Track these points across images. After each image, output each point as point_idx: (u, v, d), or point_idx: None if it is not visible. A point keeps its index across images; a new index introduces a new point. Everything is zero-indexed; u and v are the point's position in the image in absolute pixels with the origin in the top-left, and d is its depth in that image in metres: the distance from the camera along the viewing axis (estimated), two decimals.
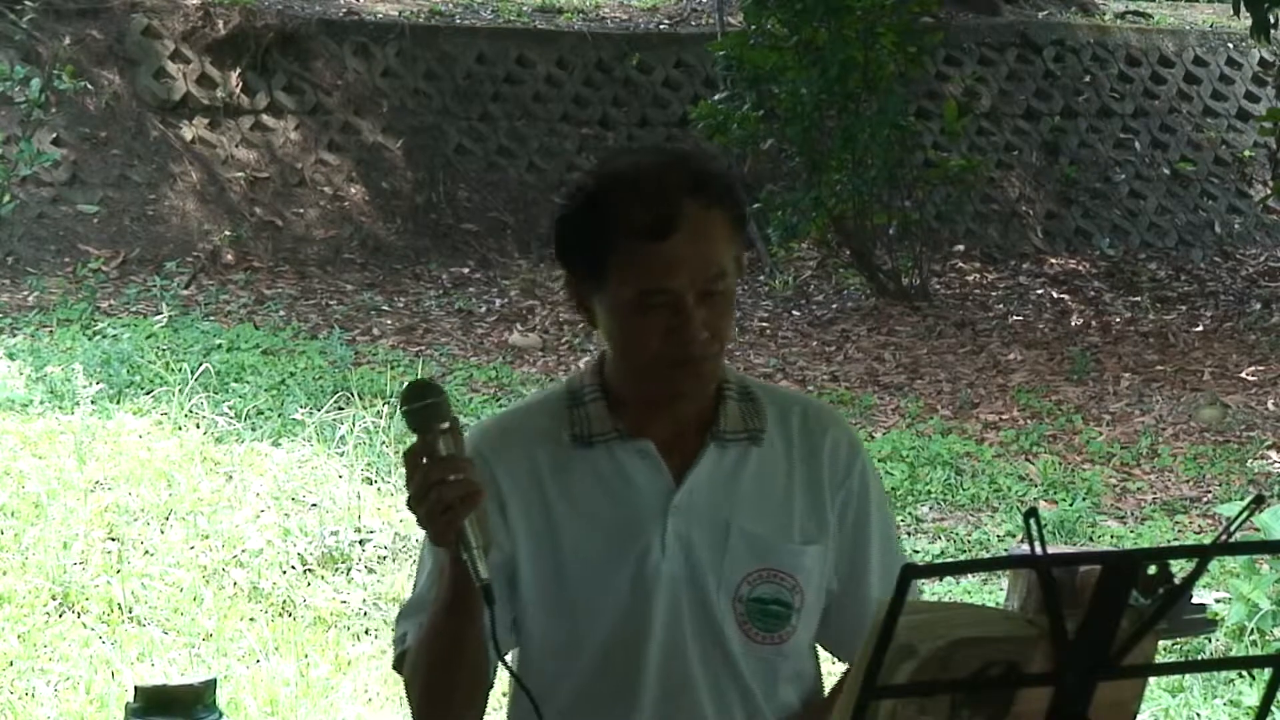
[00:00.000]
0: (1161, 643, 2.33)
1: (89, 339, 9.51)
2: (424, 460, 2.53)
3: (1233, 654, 6.22)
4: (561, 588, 2.70)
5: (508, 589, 2.70)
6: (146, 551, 6.58)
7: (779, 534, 2.75)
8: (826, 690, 2.87)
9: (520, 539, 2.71)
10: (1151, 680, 4.95)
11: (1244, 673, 6.12)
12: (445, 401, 2.58)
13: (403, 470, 2.56)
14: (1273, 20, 12.21)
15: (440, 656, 2.65)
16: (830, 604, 2.80)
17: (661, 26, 14.69)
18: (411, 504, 2.52)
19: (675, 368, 2.65)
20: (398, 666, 2.77)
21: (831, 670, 2.94)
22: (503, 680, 2.79)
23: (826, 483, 2.80)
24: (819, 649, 2.88)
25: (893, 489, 8.03)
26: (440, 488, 2.50)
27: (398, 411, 2.56)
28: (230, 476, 7.23)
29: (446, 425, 2.55)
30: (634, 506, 2.71)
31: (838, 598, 2.80)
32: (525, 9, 14.57)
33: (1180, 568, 2.22)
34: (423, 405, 2.56)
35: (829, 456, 2.81)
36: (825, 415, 2.87)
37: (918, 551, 7.37)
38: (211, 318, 10.33)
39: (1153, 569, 2.21)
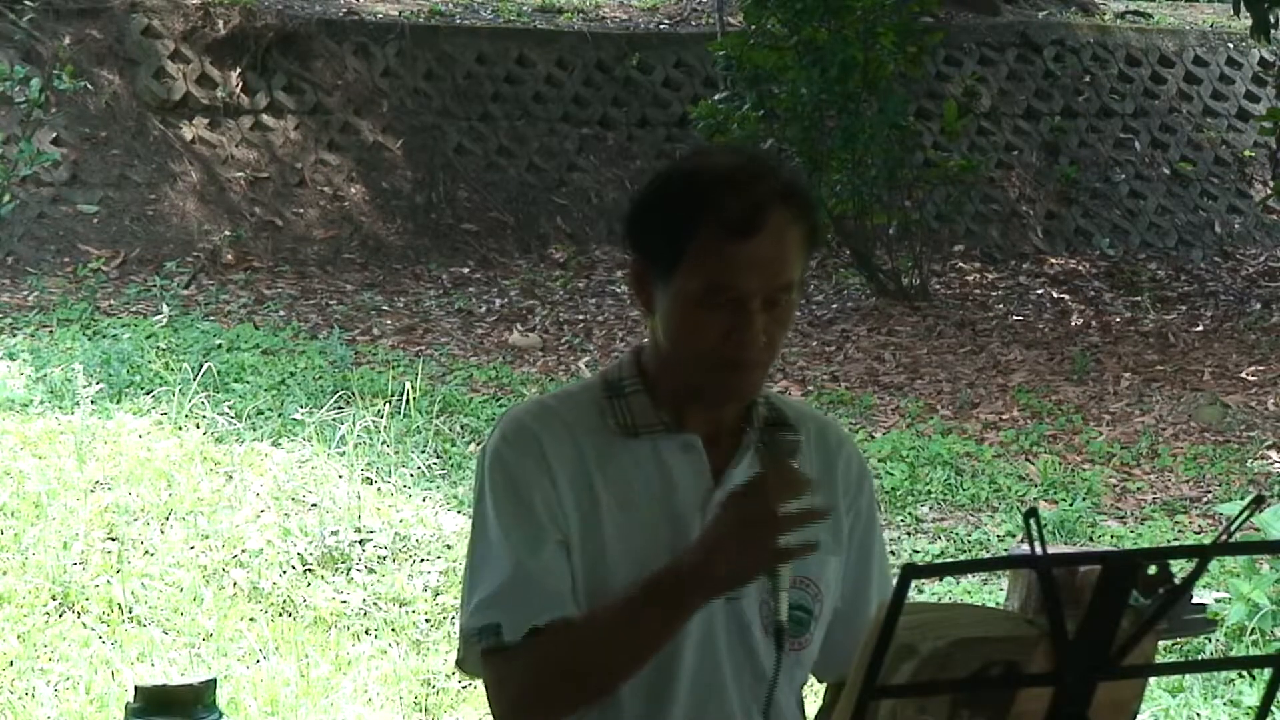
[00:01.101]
0: (1161, 643, 2.33)
1: (89, 339, 9.51)
2: (784, 491, 2.58)
3: (1233, 654, 6.22)
4: (603, 578, 2.68)
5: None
6: (146, 551, 6.58)
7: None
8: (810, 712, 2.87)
9: (572, 520, 2.69)
10: (1151, 680, 4.95)
11: (1244, 673, 6.12)
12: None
13: (403, 469, 2.55)
14: (1273, 20, 12.21)
15: (612, 666, 2.64)
16: (831, 621, 2.81)
17: (661, 26, 14.70)
18: (753, 527, 2.56)
19: (726, 368, 2.66)
20: (466, 661, 2.70)
21: (812, 692, 2.93)
22: None
23: (840, 499, 2.82)
24: None
25: (893, 489, 8.03)
26: (790, 521, 2.56)
27: (757, 445, 2.68)
28: (230, 476, 7.23)
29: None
30: (675, 501, 2.71)
31: (839, 615, 2.81)
32: (525, 9, 14.58)
33: (1180, 568, 2.22)
34: (790, 437, 2.65)
35: (842, 474, 2.83)
36: (839, 433, 2.90)
37: (918, 551, 7.37)
38: (211, 318, 10.33)
39: (1153, 569, 2.21)
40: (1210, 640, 6.23)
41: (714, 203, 2.63)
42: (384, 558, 6.66)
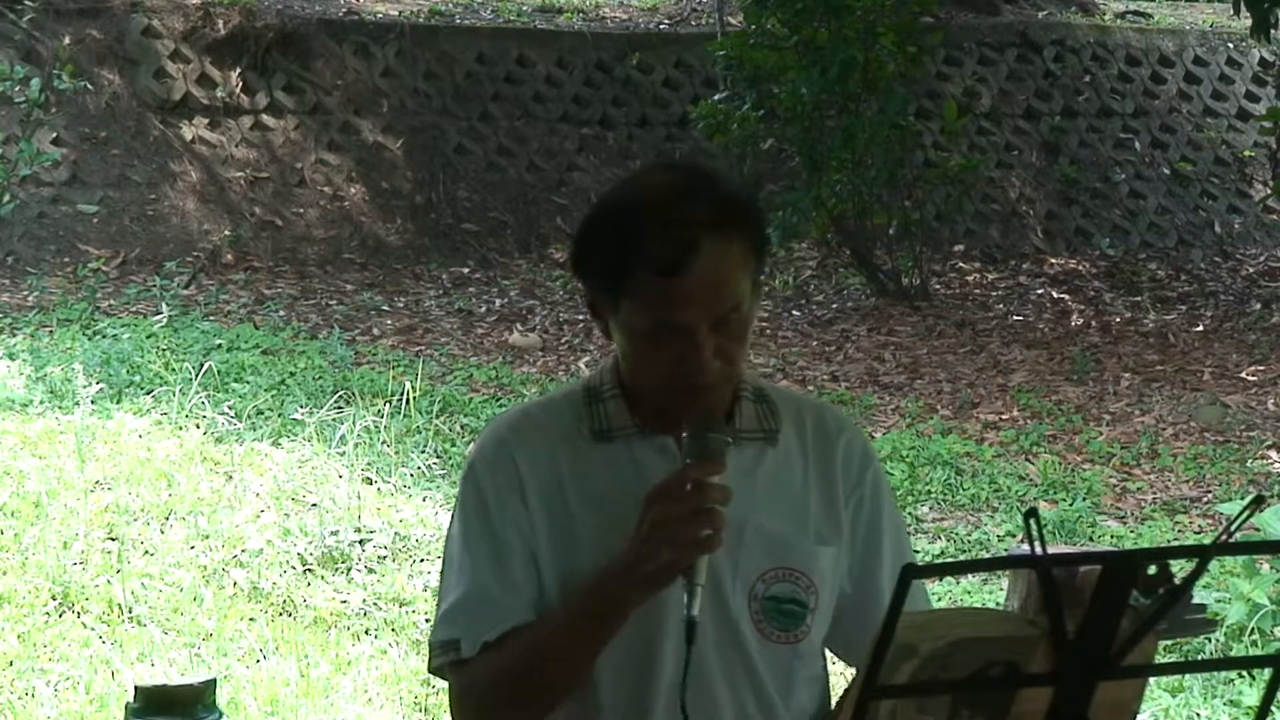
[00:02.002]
0: (1161, 643, 2.33)
1: (89, 339, 9.51)
2: (698, 485, 2.57)
3: (1233, 654, 6.22)
4: (579, 582, 2.70)
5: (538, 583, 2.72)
6: (146, 551, 6.58)
7: (795, 534, 2.76)
8: (834, 699, 2.87)
9: (541, 532, 2.70)
10: (1151, 680, 4.95)
11: (1244, 673, 6.12)
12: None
13: (403, 469, 2.56)
14: (1273, 20, 12.20)
15: (552, 672, 2.66)
16: (842, 607, 2.81)
17: (661, 26, 14.70)
18: (673, 522, 2.56)
19: (684, 394, 2.66)
20: (439, 669, 2.74)
21: (839, 676, 2.92)
22: None
23: (840, 486, 2.81)
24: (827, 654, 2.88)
25: (893, 489, 8.02)
26: (711, 514, 2.56)
27: (692, 433, 2.65)
28: (230, 476, 7.23)
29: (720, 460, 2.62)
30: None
31: (850, 600, 2.81)
32: (525, 9, 14.58)
33: (1180, 568, 2.22)
34: (719, 436, 2.62)
35: (842, 460, 2.82)
36: (838, 419, 2.89)
37: (918, 551, 7.37)
38: (211, 318, 10.33)
39: (1153, 569, 2.21)
40: (1210, 640, 6.23)
41: (642, 243, 2.60)
42: (384, 558, 6.66)
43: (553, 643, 2.65)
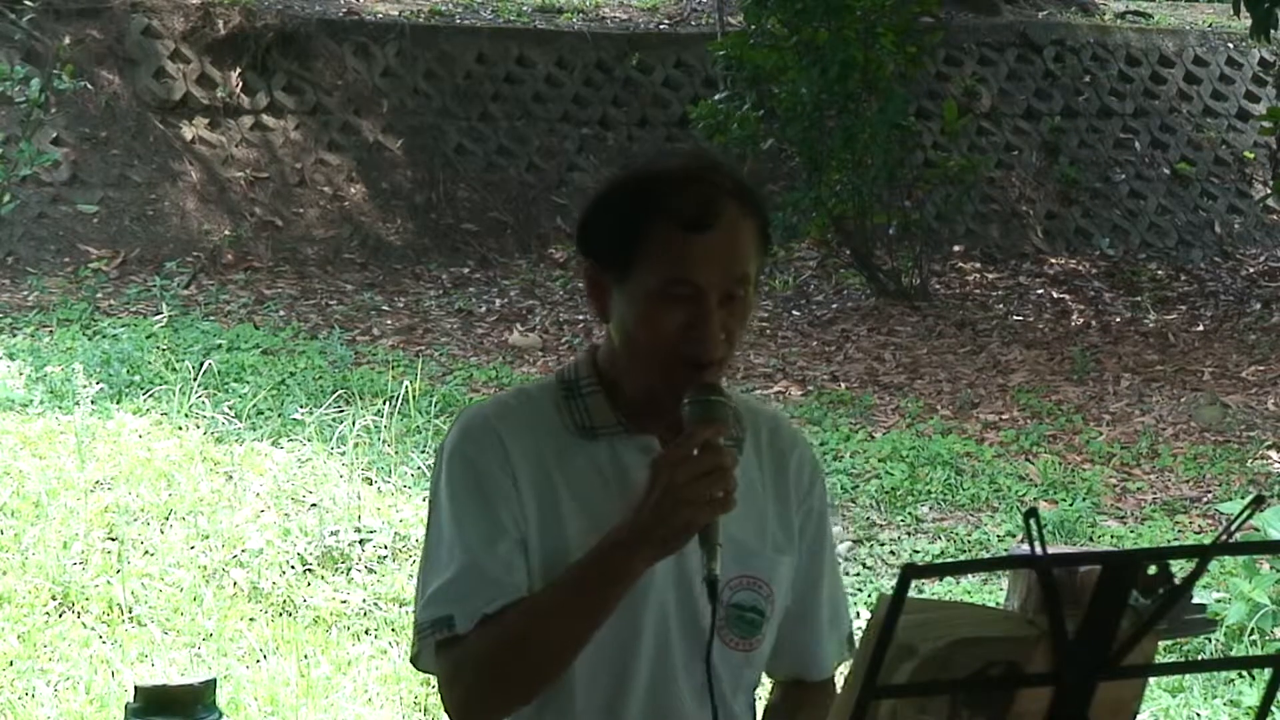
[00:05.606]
0: (1161, 643, 2.33)
1: (89, 339, 9.51)
2: (707, 447, 2.58)
3: (1233, 654, 6.22)
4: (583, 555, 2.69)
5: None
6: (146, 551, 6.58)
7: (757, 541, 2.77)
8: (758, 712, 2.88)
9: (531, 518, 2.69)
10: (1151, 680, 4.95)
11: (1244, 673, 6.12)
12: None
13: (403, 469, 2.55)
14: (1273, 20, 12.20)
15: (552, 645, 2.63)
16: (783, 620, 2.81)
17: (661, 26, 14.69)
18: (686, 484, 2.56)
19: (686, 365, 2.66)
20: (420, 657, 2.71)
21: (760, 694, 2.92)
22: None
23: (792, 498, 2.83)
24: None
25: (893, 489, 8.03)
26: (723, 475, 2.56)
27: (686, 403, 2.65)
28: (230, 476, 7.23)
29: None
30: (634, 502, 2.70)
31: (789, 612, 2.82)
32: (525, 9, 14.57)
33: (1180, 568, 2.22)
34: (722, 400, 2.64)
35: (794, 473, 2.84)
36: (792, 432, 2.90)
37: (918, 551, 7.37)
38: (211, 318, 10.33)
39: (1153, 569, 2.21)
40: (1210, 640, 6.23)
41: (666, 199, 2.65)
42: (384, 558, 6.66)
43: (554, 613, 2.62)
